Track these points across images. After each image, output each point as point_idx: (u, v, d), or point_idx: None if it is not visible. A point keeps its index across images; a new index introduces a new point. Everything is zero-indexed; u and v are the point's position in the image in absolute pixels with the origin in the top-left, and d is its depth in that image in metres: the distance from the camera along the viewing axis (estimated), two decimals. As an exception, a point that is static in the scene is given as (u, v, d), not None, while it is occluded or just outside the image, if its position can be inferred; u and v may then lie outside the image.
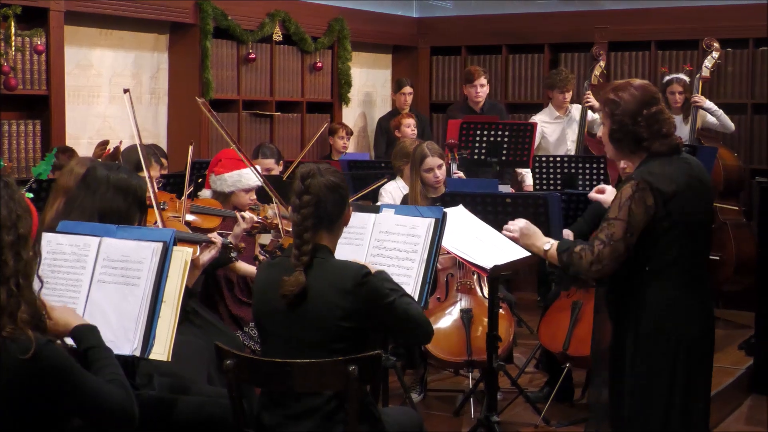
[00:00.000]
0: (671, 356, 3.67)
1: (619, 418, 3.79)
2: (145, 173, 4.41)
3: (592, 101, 8.20)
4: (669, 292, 3.66)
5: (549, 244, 3.84)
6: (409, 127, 8.63)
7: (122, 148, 5.54)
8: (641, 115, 3.67)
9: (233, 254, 4.78)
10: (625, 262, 3.65)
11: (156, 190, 4.54)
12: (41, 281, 2.84)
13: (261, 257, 4.72)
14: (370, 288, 3.44)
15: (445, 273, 5.80)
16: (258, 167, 5.53)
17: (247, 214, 5.11)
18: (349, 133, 9.02)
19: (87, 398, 2.74)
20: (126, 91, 4.60)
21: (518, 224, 3.97)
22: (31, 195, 4.61)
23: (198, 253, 4.49)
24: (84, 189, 3.75)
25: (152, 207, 4.44)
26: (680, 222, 3.63)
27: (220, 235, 5.02)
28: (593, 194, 4.20)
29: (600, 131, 3.91)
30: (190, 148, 5.20)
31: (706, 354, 3.78)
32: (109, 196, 3.69)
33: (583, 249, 3.67)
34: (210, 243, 4.48)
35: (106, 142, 6.16)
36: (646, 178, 3.61)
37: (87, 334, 2.99)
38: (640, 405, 3.70)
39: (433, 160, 6.04)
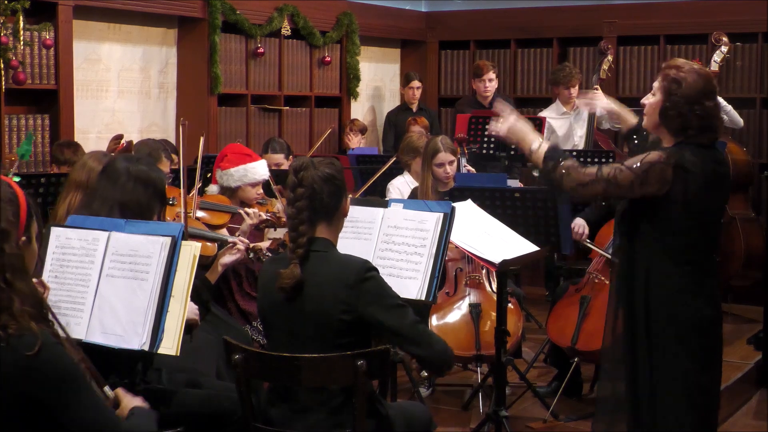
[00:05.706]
0: (686, 342, 3.68)
1: (637, 409, 3.78)
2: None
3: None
4: (680, 279, 3.67)
5: (537, 144, 3.82)
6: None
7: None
8: (699, 105, 3.65)
9: (251, 255, 4.80)
10: (637, 252, 3.68)
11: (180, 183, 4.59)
12: (42, 261, 2.75)
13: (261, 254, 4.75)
14: (374, 284, 3.41)
15: (454, 267, 5.80)
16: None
17: (252, 210, 5.11)
18: (363, 130, 8.98)
19: (83, 413, 2.55)
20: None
21: (508, 121, 3.91)
22: (18, 179, 4.59)
23: (216, 251, 4.54)
24: (105, 180, 3.75)
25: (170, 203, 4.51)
26: (698, 212, 3.64)
27: (229, 231, 5.03)
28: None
29: (645, 99, 3.81)
30: (201, 140, 5.20)
31: (717, 338, 3.79)
32: (130, 188, 3.70)
33: (572, 168, 3.68)
34: (234, 245, 4.57)
35: (120, 137, 6.17)
36: (677, 159, 3.59)
37: (138, 415, 2.81)
38: (657, 394, 3.70)
39: (445, 156, 6.04)
